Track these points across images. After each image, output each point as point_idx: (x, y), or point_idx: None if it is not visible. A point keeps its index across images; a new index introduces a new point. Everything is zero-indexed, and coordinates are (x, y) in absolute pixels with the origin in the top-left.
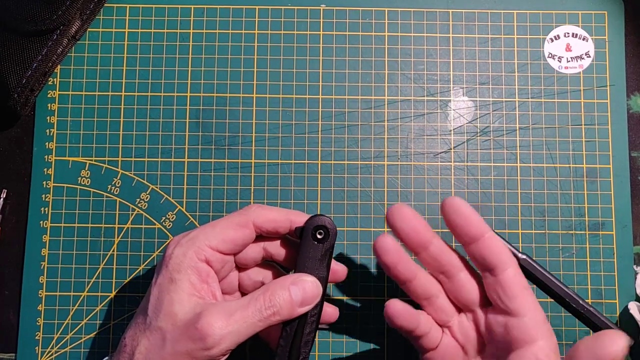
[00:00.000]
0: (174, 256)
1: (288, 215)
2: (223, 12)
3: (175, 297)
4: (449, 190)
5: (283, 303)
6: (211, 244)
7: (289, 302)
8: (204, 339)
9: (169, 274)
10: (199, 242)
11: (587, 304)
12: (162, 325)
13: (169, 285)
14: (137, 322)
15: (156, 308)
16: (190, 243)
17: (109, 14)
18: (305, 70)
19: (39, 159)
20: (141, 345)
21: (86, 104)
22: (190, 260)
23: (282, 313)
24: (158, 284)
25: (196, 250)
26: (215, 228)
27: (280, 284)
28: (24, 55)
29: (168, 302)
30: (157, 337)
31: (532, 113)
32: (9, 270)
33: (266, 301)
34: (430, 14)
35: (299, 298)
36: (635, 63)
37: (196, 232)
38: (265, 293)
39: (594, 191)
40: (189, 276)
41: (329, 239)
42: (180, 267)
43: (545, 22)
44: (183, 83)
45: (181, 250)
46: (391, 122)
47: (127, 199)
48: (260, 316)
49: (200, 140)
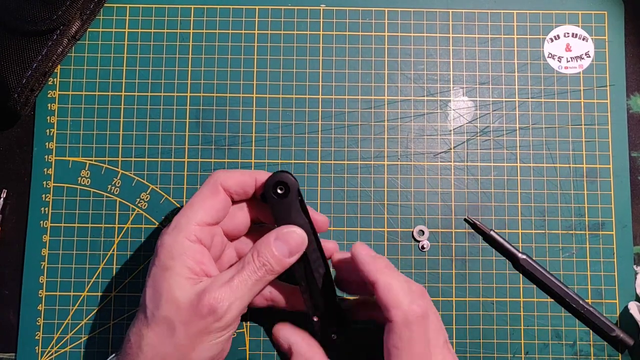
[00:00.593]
0: (165, 245)
1: (253, 174)
2: (223, 12)
3: (173, 283)
4: (449, 190)
5: (271, 259)
6: (196, 220)
7: (276, 257)
8: (214, 312)
9: (162, 263)
10: (184, 224)
11: (587, 304)
12: (167, 314)
13: (164, 273)
14: (138, 318)
15: (155, 299)
16: (177, 229)
17: (109, 14)
18: (305, 70)
19: (39, 159)
20: (147, 338)
21: (86, 104)
22: (182, 244)
23: (275, 268)
24: (152, 275)
25: (186, 234)
26: (192, 206)
27: (264, 242)
28: (24, 55)
29: (167, 290)
30: (163, 326)
31: (532, 113)
32: (9, 270)
33: (256, 262)
34: (430, 14)
35: (285, 250)
36: (635, 63)
37: (177, 218)
38: (253, 254)
39: (594, 191)
40: (183, 261)
41: (289, 192)
42: (173, 253)
43: (545, 22)
44: (183, 83)
45: (170, 237)
46: (391, 122)
47: (127, 199)
48: (256, 277)
49: (200, 140)
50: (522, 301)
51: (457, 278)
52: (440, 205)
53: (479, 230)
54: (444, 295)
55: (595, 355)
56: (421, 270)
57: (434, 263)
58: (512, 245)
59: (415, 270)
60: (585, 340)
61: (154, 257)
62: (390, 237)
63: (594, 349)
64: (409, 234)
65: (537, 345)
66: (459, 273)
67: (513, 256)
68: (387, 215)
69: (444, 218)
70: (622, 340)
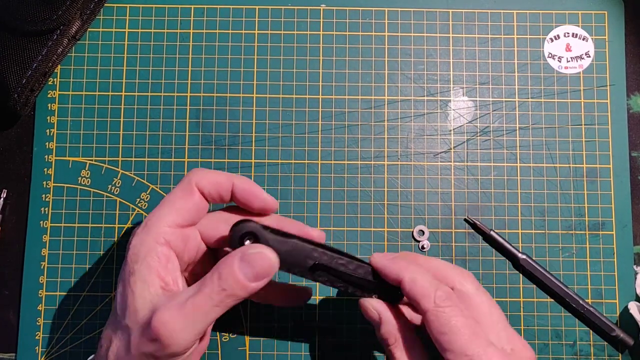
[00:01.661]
0: (132, 247)
1: (230, 178)
2: (223, 12)
3: (136, 290)
4: (449, 190)
5: (234, 284)
6: (167, 222)
7: (240, 282)
8: (158, 340)
9: (129, 267)
10: (154, 225)
11: (587, 304)
12: (128, 324)
13: (129, 278)
14: (109, 320)
15: (121, 305)
16: (146, 230)
17: (109, 14)
18: (305, 70)
19: (39, 159)
20: (113, 345)
21: (86, 104)
22: (148, 246)
23: (237, 293)
24: (122, 279)
25: (154, 236)
26: (164, 205)
27: (227, 263)
28: (24, 55)
29: (130, 298)
30: (125, 337)
31: (532, 113)
32: (9, 270)
33: (214, 285)
34: (430, 14)
35: (250, 274)
36: (635, 63)
37: (148, 217)
38: (213, 276)
39: (594, 191)
40: (147, 264)
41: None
42: (138, 256)
43: (545, 22)
44: (183, 83)
45: (138, 239)
46: (391, 122)
47: (127, 199)
48: (212, 302)
49: (200, 140)
50: (522, 301)
51: None
52: (440, 205)
53: (479, 230)
54: None
55: (595, 355)
56: None
57: None
58: (512, 245)
59: None
60: (585, 340)
61: (125, 259)
62: (390, 237)
63: (594, 349)
64: (409, 234)
65: (537, 345)
66: None
67: (513, 256)
68: (387, 215)
69: (444, 218)
70: (622, 340)
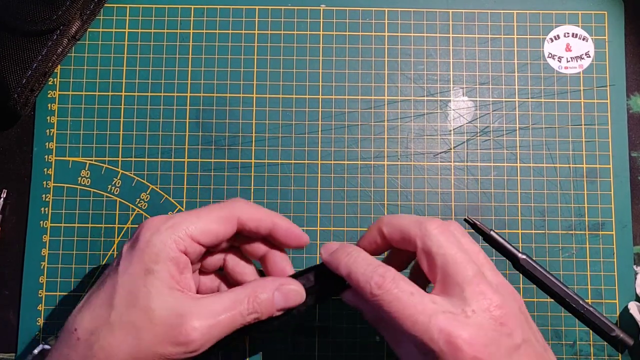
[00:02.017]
0: (152, 244)
1: (272, 218)
2: (223, 12)
3: (153, 290)
4: (449, 190)
5: (265, 309)
6: (192, 234)
7: (271, 307)
8: (187, 344)
9: (145, 264)
10: (180, 231)
11: (587, 304)
12: (136, 322)
13: (145, 276)
14: (94, 311)
15: (128, 301)
16: (171, 231)
17: (109, 14)
18: (305, 70)
19: (39, 159)
20: (103, 340)
21: (86, 104)
22: (170, 250)
23: (263, 316)
24: (130, 273)
25: (176, 240)
26: (200, 218)
27: (264, 289)
28: (24, 55)
29: (144, 296)
30: (127, 333)
31: (532, 113)
32: (9, 270)
33: (249, 305)
34: (430, 14)
35: (281, 304)
36: (635, 63)
37: (178, 220)
38: (249, 297)
39: (594, 191)
40: (168, 267)
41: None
42: (159, 257)
43: (545, 22)
44: (183, 83)
45: (160, 238)
46: (391, 122)
47: (127, 199)
48: (243, 320)
49: (200, 140)
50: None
51: None
52: (440, 205)
53: (479, 230)
54: None
55: (595, 355)
56: None
57: None
58: (512, 245)
59: None
60: (585, 340)
61: (134, 251)
62: None
63: (594, 349)
64: None
65: None
66: None
67: (513, 256)
68: None
69: (444, 218)
70: (622, 340)
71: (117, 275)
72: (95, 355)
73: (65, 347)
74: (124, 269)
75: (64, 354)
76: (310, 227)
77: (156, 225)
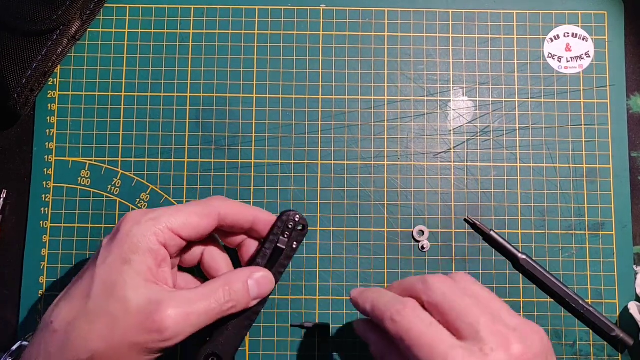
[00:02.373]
0: (132, 235)
1: (253, 211)
2: (223, 12)
3: (128, 280)
4: (449, 190)
5: (241, 298)
6: (173, 227)
7: (247, 297)
8: (161, 332)
9: (123, 254)
10: (160, 223)
11: (587, 304)
12: (112, 311)
13: (122, 266)
14: (71, 302)
15: (105, 291)
16: (152, 223)
17: (109, 14)
18: (305, 70)
19: (39, 159)
20: (80, 330)
21: (86, 104)
22: (149, 241)
23: (239, 306)
24: (108, 264)
25: (156, 232)
26: (181, 212)
27: (239, 279)
28: (24, 55)
29: (121, 286)
30: (103, 322)
31: (532, 113)
32: (9, 270)
33: (225, 295)
34: (430, 14)
35: (255, 293)
36: (635, 63)
37: (159, 213)
38: (224, 287)
39: (594, 191)
40: (145, 259)
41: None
42: (138, 248)
43: (545, 22)
44: (183, 83)
45: (140, 229)
46: (391, 122)
47: (127, 199)
48: (219, 309)
49: (200, 140)
50: (522, 301)
51: None
52: (440, 205)
53: (479, 231)
54: None
55: (595, 355)
56: (421, 271)
57: (434, 263)
58: (512, 245)
59: (415, 270)
60: (585, 340)
61: (114, 242)
62: (390, 237)
63: (594, 349)
64: (409, 234)
65: None
66: None
67: (513, 256)
68: (387, 215)
69: (444, 218)
70: (622, 340)
71: (95, 267)
72: (72, 344)
73: (42, 340)
74: (102, 260)
75: (41, 346)
76: (310, 227)
77: (137, 217)
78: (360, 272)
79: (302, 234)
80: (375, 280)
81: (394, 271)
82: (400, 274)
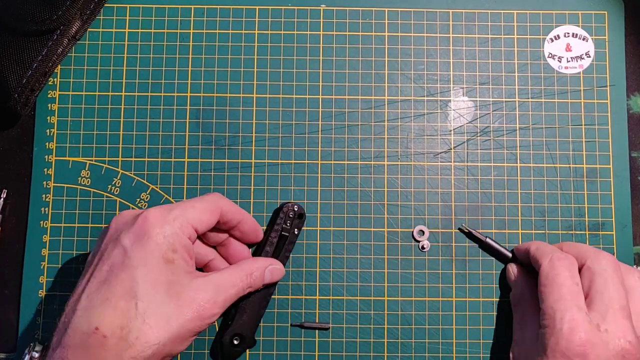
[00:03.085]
0: (167, 236)
1: (242, 213)
2: (223, 12)
3: (174, 278)
4: (449, 190)
5: (257, 283)
6: (192, 223)
7: (261, 282)
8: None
9: (165, 255)
10: (184, 220)
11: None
12: (167, 307)
13: (167, 265)
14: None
15: (155, 290)
16: (179, 221)
17: (109, 14)
18: (305, 70)
19: (39, 159)
20: (138, 331)
21: (86, 104)
22: (182, 239)
23: (253, 289)
24: (150, 264)
25: (183, 229)
26: (194, 208)
27: (259, 267)
28: (24, 55)
29: (169, 284)
30: (159, 319)
31: (532, 113)
32: (9, 270)
33: (249, 280)
34: (430, 14)
35: (269, 279)
36: (635, 63)
37: (179, 210)
38: (248, 274)
39: (594, 191)
40: (184, 255)
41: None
42: (175, 247)
43: (545, 22)
44: (183, 83)
45: (172, 229)
46: (391, 122)
47: (127, 199)
48: (242, 292)
49: (200, 140)
50: None
51: (457, 278)
52: (440, 205)
53: (475, 239)
54: (444, 296)
55: None
56: (421, 271)
57: (434, 263)
58: (508, 250)
59: (415, 270)
60: None
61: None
62: (390, 237)
63: None
64: (409, 234)
65: None
66: (459, 273)
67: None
68: (387, 215)
69: (444, 218)
70: None
71: (132, 269)
72: (133, 345)
73: (85, 348)
74: (140, 262)
75: (90, 355)
76: (310, 227)
77: (161, 217)
78: (360, 272)
79: (302, 221)
80: (375, 280)
81: (394, 271)
82: (400, 274)
